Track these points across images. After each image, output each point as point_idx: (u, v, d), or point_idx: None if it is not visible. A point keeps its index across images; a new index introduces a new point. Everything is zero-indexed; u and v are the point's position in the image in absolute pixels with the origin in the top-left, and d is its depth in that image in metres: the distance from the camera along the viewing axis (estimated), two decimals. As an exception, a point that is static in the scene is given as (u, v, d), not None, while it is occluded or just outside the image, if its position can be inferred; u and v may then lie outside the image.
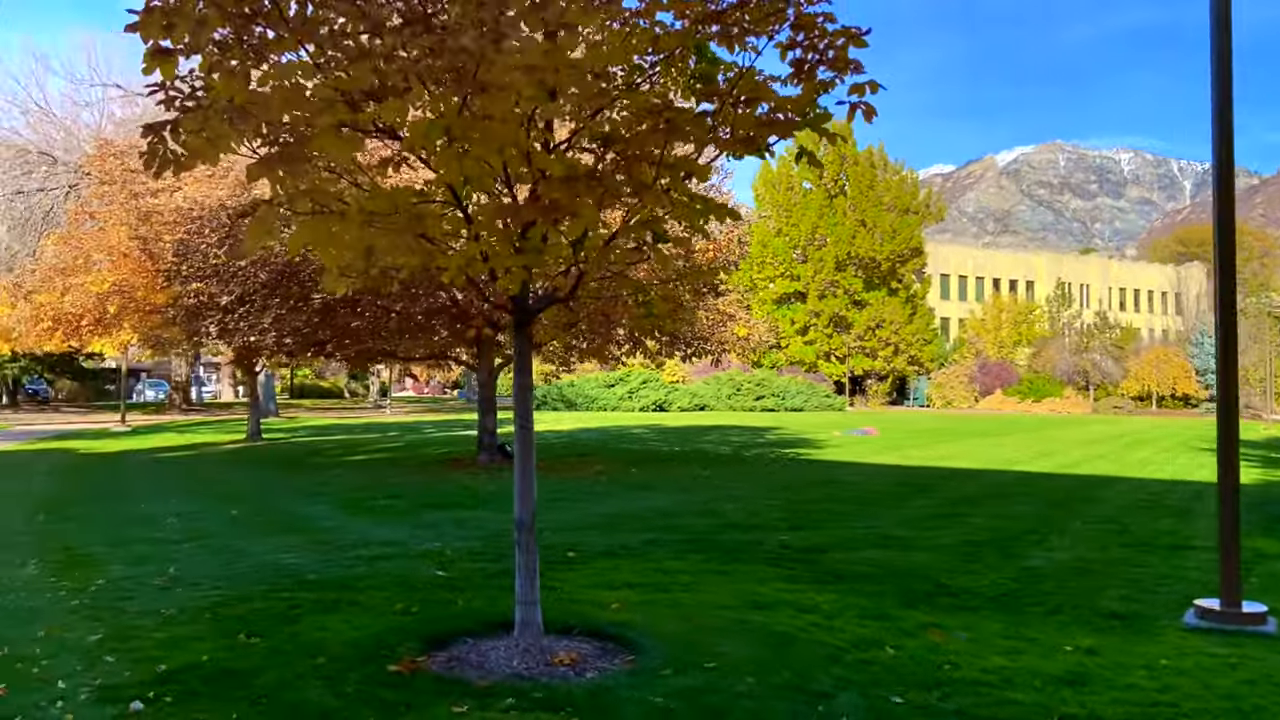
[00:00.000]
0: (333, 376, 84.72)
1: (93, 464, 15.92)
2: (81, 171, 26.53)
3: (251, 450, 18.71)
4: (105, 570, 6.71)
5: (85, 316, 18.39)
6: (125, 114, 33.79)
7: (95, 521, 9.18)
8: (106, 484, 12.83)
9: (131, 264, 18.66)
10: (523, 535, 5.01)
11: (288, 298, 14.24)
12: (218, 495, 11.45)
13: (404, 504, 10.60)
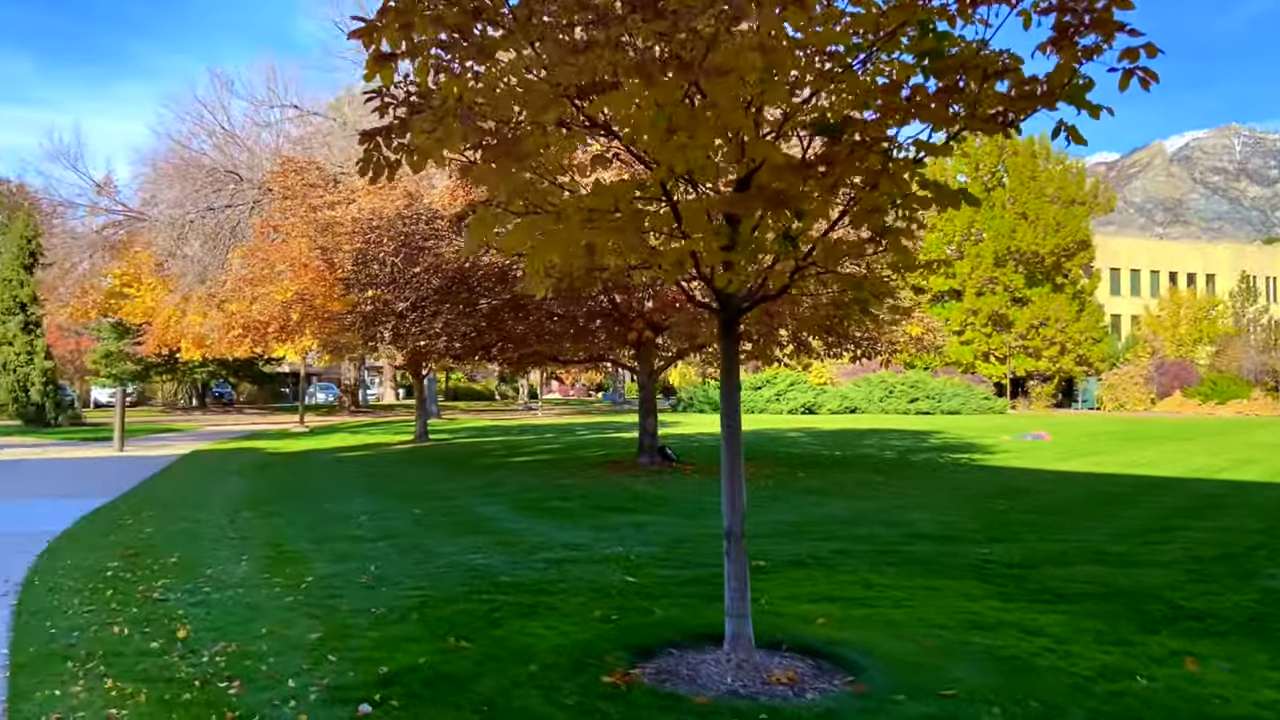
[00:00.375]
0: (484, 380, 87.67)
1: (280, 463, 16.86)
2: (264, 188, 28.36)
3: (421, 451, 19.40)
4: (312, 567, 6.95)
5: (271, 323, 19.59)
6: (299, 133, 35.95)
7: (294, 519, 9.61)
8: (296, 482, 13.51)
9: (311, 273, 19.72)
10: (732, 545, 4.79)
11: (457, 303, 14.62)
12: (398, 494, 11.83)
13: (576, 506, 10.62)
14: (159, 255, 33.05)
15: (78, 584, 6.37)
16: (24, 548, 7.83)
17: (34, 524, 9.31)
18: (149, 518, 9.57)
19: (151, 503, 10.90)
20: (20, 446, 20.84)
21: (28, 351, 27.00)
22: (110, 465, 16.54)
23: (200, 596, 6.03)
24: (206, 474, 14.62)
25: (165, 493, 12.01)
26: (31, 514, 10.16)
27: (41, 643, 4.97)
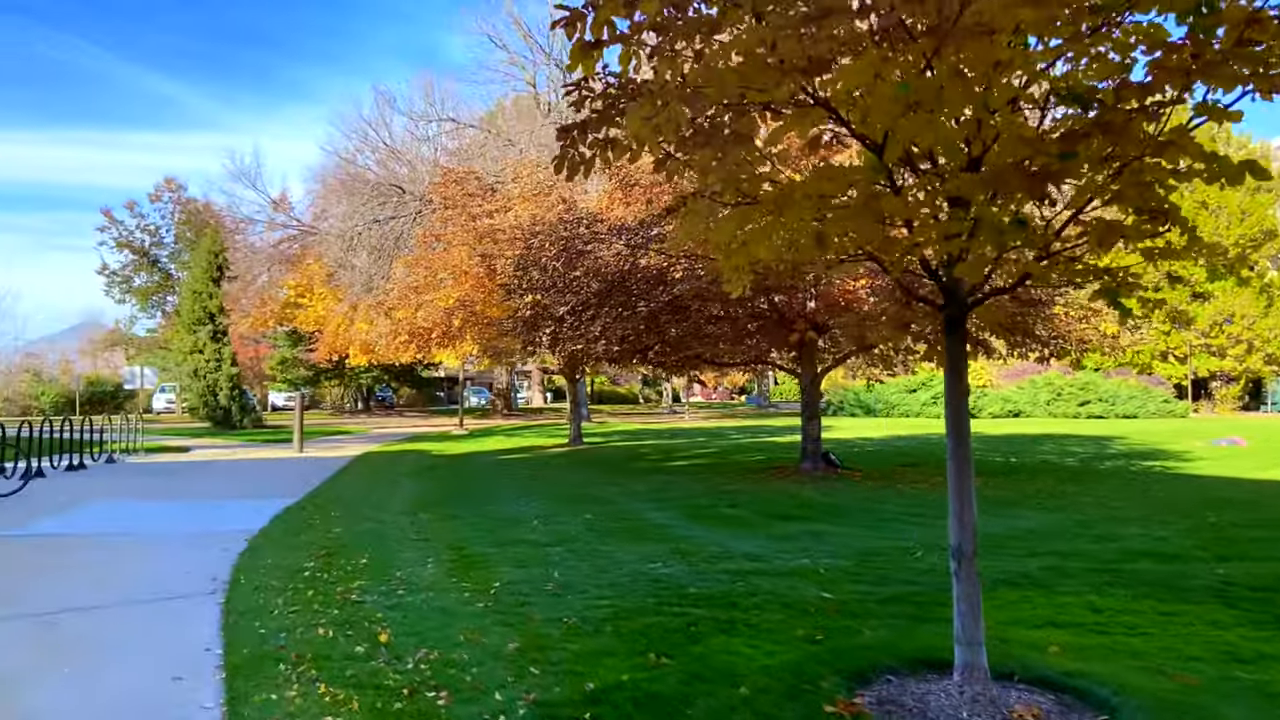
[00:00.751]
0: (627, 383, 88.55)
1: (446, 465, 17.30)
2: (425, 199, 29.49)
3: (577, 454, 19.54)
4: (497, 572, 6.91)
5: (435, 330, 20.24)
6: (455, 145, 37.24)
7: (469, 521, 9.71)
8: (465, 484, 13.77)
9: (472, 280, 20.23)
10: (963, 565, 4.36)
11: (616, 306, 14.57)
12: (563, 498, 11.83)
13: (747, 513, 10.29)
14: (329, 267, 34.93)
15: (280, 583, 6.54)
16: (226, 546, 8.18)
17: (232, 523, 9.78)
18: (335, 518, 9.88)
19: (335, 503, 11.29)
20: (211, 447, 22.33)
21: (216, 359, 29.05)
22: (292, 466, 17.42)
23: (395, 599, 6.06)
24: (380, 475, 15.13)
25: (346, 493, 12.45)
26: (229, 514, 10.70)
27: (253, 644, 5.06)
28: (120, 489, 13.04)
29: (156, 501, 11.88)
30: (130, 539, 8.78)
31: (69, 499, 11.72)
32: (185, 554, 7.95)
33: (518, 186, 20.72)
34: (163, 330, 47.61)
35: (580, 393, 36.21)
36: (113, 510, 10.98)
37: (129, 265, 45.74)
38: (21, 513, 10.39)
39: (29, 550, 8.07)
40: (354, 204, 33.29)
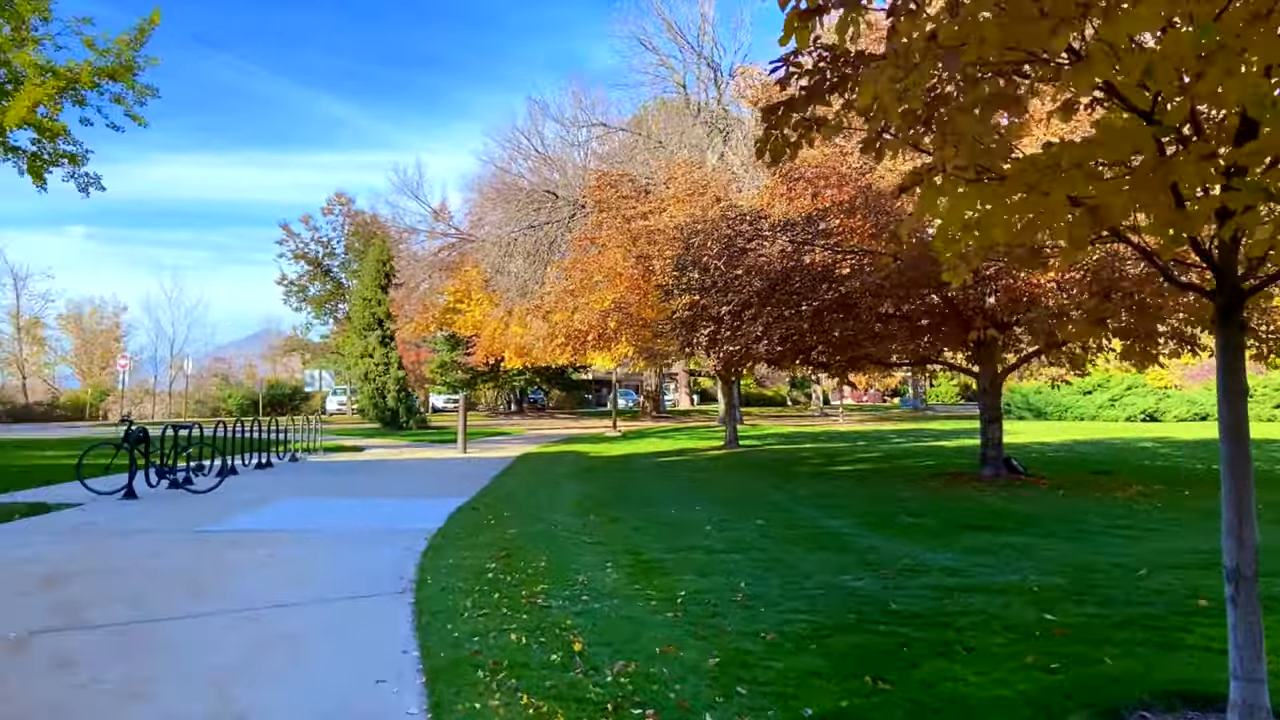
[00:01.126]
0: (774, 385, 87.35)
1: (606, 466, 17.31)
2: (578, 204, 29.89)
3: (735, 457, 19.19)
4: (679, 580, 6.67)
5: (590, 332, 20.38)
6: (604, 150, 37.64)
7: (639, 524, 9.54)
8: (627, 486, 13.68)
9: (627, 282, 20.24)
10: (1242, 589, 3.76)
11: (779, 305, 14.13)
12: (730, 502, 11.51)
13: (932, 523, 9.66)
14: (485, 273, 35.98)
15: (465, 585, 6.52)
16: (409, 544, 8.31)
17: (411, 521, 9.98)
18: (508, 519, 9.93)
19: (505, 503, 11.40)
20: (382, 447, 23.30)
21: (384, 363, 30.42)
22: (458, 466, 17.87)
23: (581, 605, 5.91)
24: (543, 476, 15.26)
25: (513, 494, 12.58)
26: (406, 512, 10.96)
27: (449, 647, 4.99)
28: (305, 486, 13.67)
29: (339, 499, 12.34)
30: (319, 536, 9.07)
31: (259, 496, 12.34)
32: (371, 551, 8.12)
33: (671, 187, 20.58)
34: (334, 336, 50.45)
35: (734, 395, 35.85)
36: (300, 507, 11.46)
37: (304, 275, 48.81)
38: (219, 508, 10.98)
39: (229, 546, 8.44)
40: (508, 211, 34.16)
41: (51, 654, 4.93)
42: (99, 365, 54.04)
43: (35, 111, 15.24)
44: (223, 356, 61.13)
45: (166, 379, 54.03)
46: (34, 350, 52.42)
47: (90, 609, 5.92)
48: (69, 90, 15.86)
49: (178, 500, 11.69)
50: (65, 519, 9.95)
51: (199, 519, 10.10)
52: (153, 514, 10.49)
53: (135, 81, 16.18)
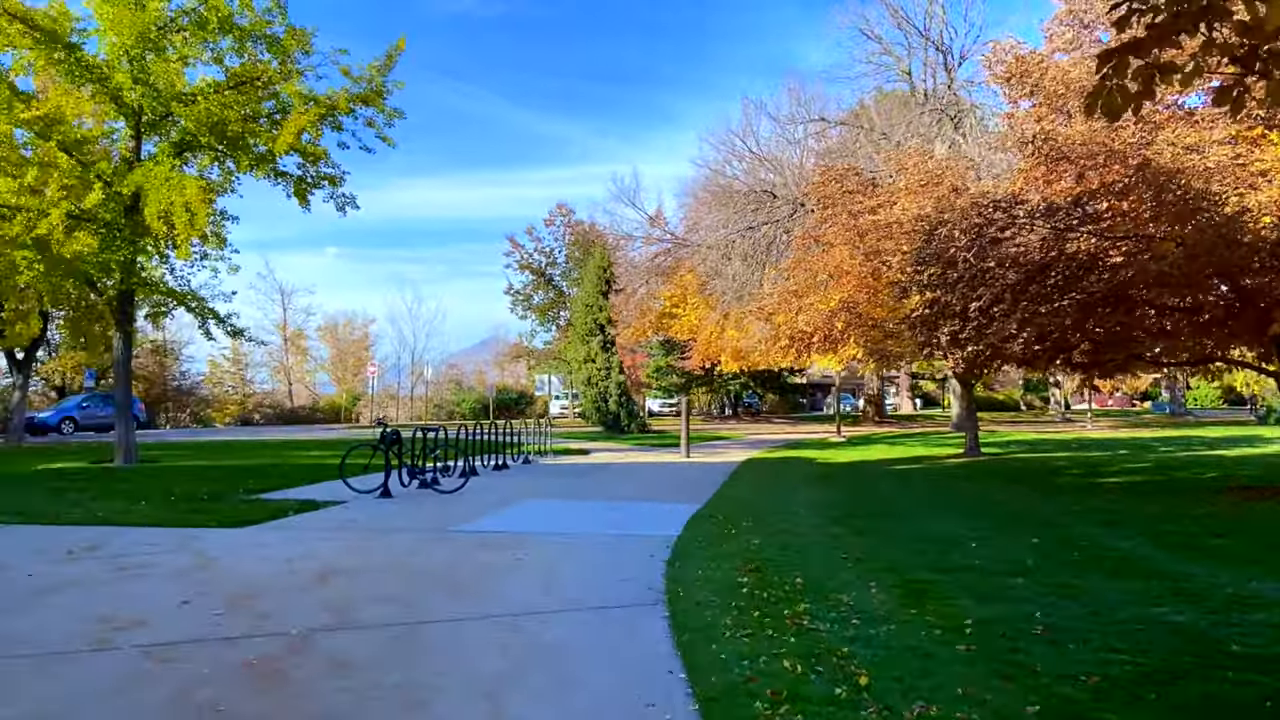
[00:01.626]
0: (1004, 388, 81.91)
1: (838, 473, 16.53)
2: (798, 202, 29.16)
3: (979, 465, 17.79)
4: (957, 605, 5.95)
5: (816, 333, 19.63)
6: (821, 147, 36.58)
7: (889, 538, 8.82)
8: (866, 495, 12.90)
9: (854, 281, 19.33)
10: None
11: (1037, 300, 12.83)
12: (988, 515, 10.49)
13: (1246, 546, 8.26)
14: (702, 276, 35.93)
15: (719, 599, 6.14)
16: (651, 551, 8.08)
17: (648, 526, 9.79)
18: (748, 528, 9.50)
19: (742, 511, 10.98)
20: (606, 450, 23.65)
21: (605, 367, 31.06)
22: (684, 470, 17.71)
23: (851, 630, 5.35)
24: (774, 483, 14.74)
25: (748, 501, 12.15)
26: (642, 516, 10.80)
27: (718, 671, 4.60)
28: (541, 489, 13.92)
29: (575, 501, 12.42)
30: (562, 540, 9.03)
31: (500, 498, 12.65)
32: (615, 557, 7.95)
33: (902, 178, 19.43)
34: (557, 342, 52.41)
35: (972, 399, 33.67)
36: (540, 510, 11.60)
37: (529, 285, 51.09)
38: (466, 509, 11.31)
39: (479, 547, 8.55)
40: (724, 214, 33.89)
41: (329, 654, 5.00)
42: (351, 372, 59.19)
43: (300, 138, 16.60)
44: (455, 363, 65.28)
45: (408, 384, 58.32)
46: (298, 359, 58.24)
47: (360, 608, 6.06)
48: (328, 117, 17.17)
49: (427, 500, 12.18)
50: (331, 516, 10.56)
51: (449, 519, 10.41)
52: (407, 513, 10.95)
53: (385, 105, 17.27)
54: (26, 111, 15.37)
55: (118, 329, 17.05)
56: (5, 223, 14.81)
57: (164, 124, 16.75)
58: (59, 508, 10.76)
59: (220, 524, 9.71)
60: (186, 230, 15.37)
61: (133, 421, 17.14)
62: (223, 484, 13.57)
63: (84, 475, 14.81)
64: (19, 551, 8.07)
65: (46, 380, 38.78)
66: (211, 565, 7.50)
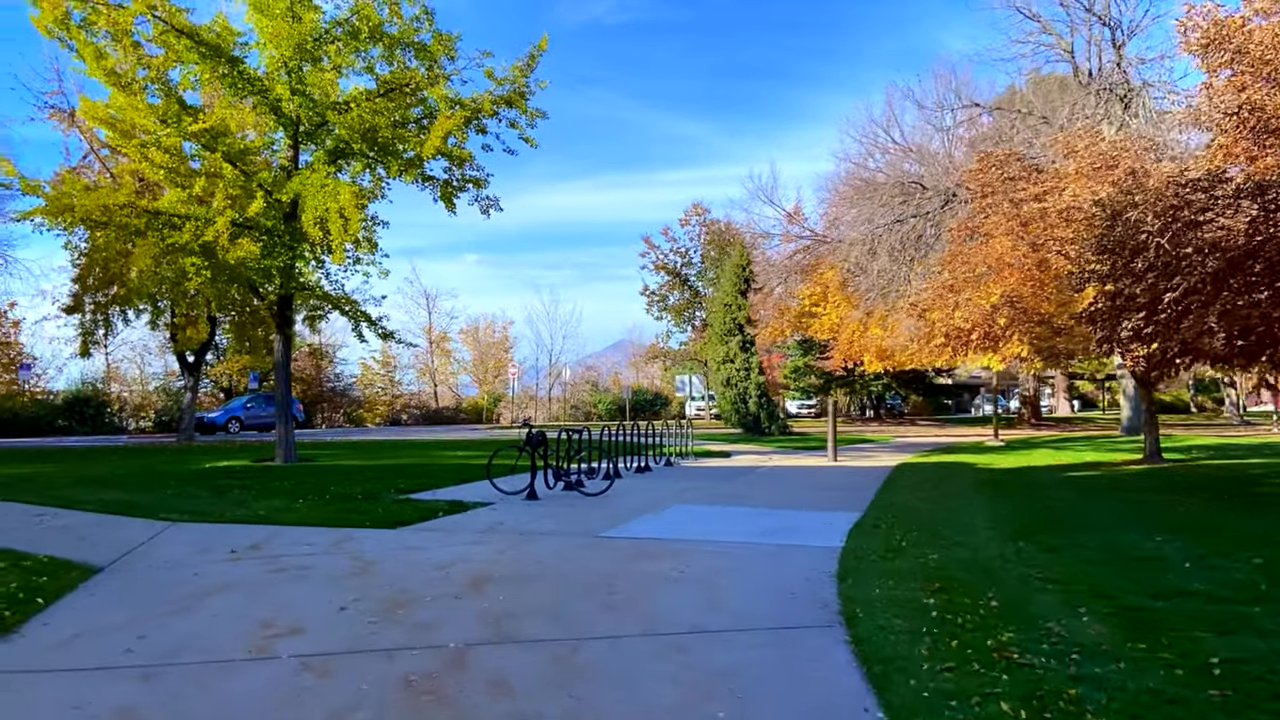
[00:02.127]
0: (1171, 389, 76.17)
1: (1005, 480, 15.36)
2: (948, 193, 27.67)
3: (1163, 473, 16.16)
4: (1191, 638, 5.10)
5: (975, 330, 18.38)
6: (970, 135, 34.70)
7: (1084, 554, 7.88)
8: (1046, 506, 11.81)
9: (1018, 274, 18.00)
10: None
11: (1238, 290, 11.45)
12: (1198, 530, 9.31)
13: None
14: (843, 274, 34.75)
15: (905, 623, 5.50)
16: (816, 564, 7.49)
17: (808, 536, 9.18)
18: (919, 539, 8.75)
19: (906, 520, 10.20)
20: (748, 453, 23.01)
21: (745, 368, 30.40)
22: (834, 475, 16.91)
23: (1073, 666, 4.62)
24: (935, 490, 13.78)
25: (912, 509, 11.31)
26: (799, 525, 10.18)
27: (925, 713, 4.00)
28: (688, 492, 13.47)
29: (725, 506, 11.91)
30: (720, 549, 8.54)
31: (648, 501, 12.28)
32: (778, 570, 7.40)
33: (1073, 162, 17.97)
34: (692, 343, 52.03)
35: (1138, 400, 31.15)
36: (691, 515, 11.15)
37: (664, 285, 50.88)
38: (614, 513, 10.98)
39: (634, 555, 8.17)
40: (866, 209, 32.54)
41: (488, 674, 4.68)
42: (491, 374, 60.66)
43: (446, 141, 16.79)
44: (592, 365, 65.96)
45: (546, 386, 59.26)
46: (442, 361, 60.15)
47: (516, 621, 5.74)
48: (473, 120, 17.31)
49: (573, 502, 11.94)
50: (480, 518, 10.43)
51: (598, 523, 10.10)
52: (554, 515, 10.72)
53: (527, 106, 17.27)
54: (195, 124, 16.12)
55: (278, 332, 17.72)
56: (175, 231, 15.57)
57: (319, 133, 17.28)
58: (224, 506, 11.09)
59: (374, 524, 9.72)
60: (340, 235, 15.75)
61: (292, 422, 17.77)
62: (375, 484, 13.78)
63: (247, 473, 15.38)
64: (188, 549, 8.23)
65: (215, 382, 41.39)
66: (368, 569, 7.40)
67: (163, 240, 15.72)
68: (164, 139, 16.13)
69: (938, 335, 19.33)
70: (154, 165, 16.05)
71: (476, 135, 17.78)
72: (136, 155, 16.16)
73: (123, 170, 20.38)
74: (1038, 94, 30.84)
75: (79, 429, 34.61)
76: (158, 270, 17.63)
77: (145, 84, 16.38)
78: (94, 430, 35.25)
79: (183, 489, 12.89)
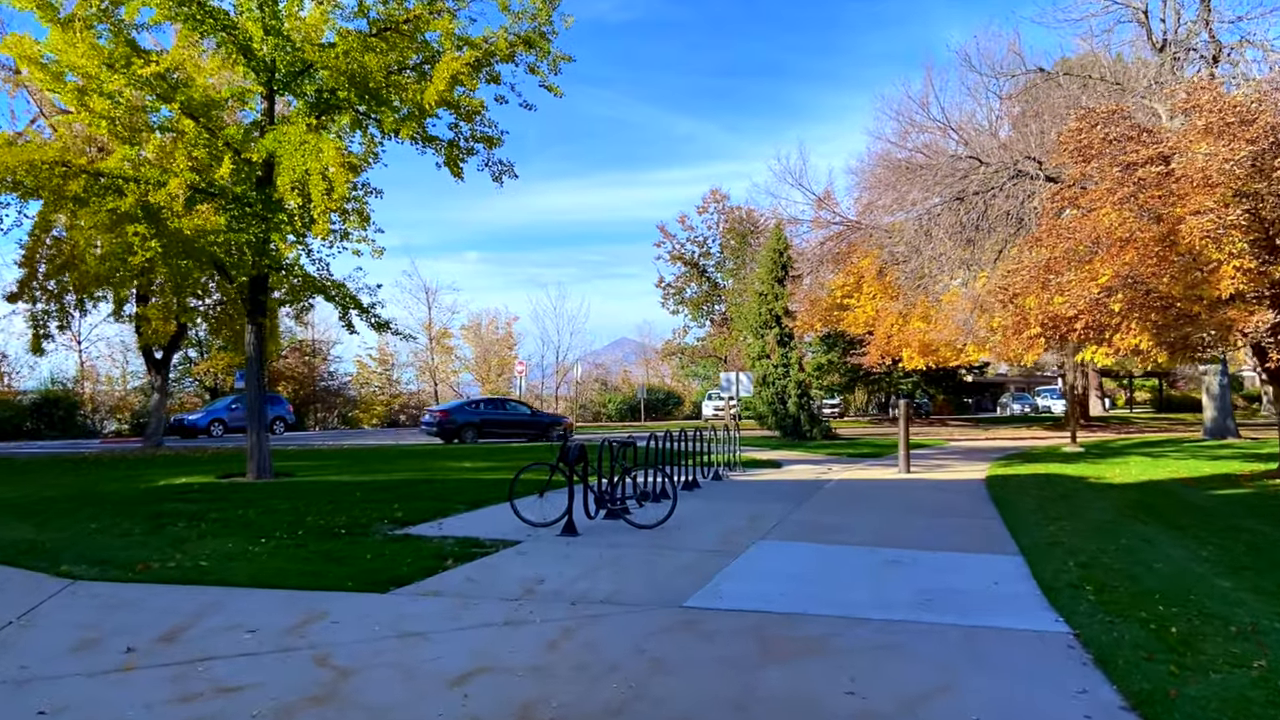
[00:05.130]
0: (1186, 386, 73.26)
1: (1150, 502, 12.40)
2: (1013, 167, 24.68)
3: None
4: None
5: (1080, 319, 15.42)
6: (1016, 112, 31.77)
7: None
8: (1241, 543, 8.86)
9: (1135, 249, 15.00)
10: None
11: None
12: None
13: None
14: (881, 261, 31.80)
15: None
16: (1060, 676, 4.55)
17: (983, 606, 6.25)
18: (1161, 613, 5.79)
19: (1097, 572, 7.24)
20: (799, 462, 20.04)
21: (783, 364, 27.45)
22: (918, 492, 13.99)
23: None
24: (1076, 517, 10.82)
25: (1079, 550, 8.33)
26: (949, 579, 7.23)
27: None
28: (760, 519, 10.52)
29: (820, 544, 8.97)
30: (876, 635, 5.59)
31: (717, 535, 9.37)
32: (1012, 689, 4.46)
33: (1199, 117, 15.03)
34: (710, 339, 49.03)
35: (1224, 399, 28.25)
36: (785, 559, 8.20)
37: (681, 277, 47.79)
38: (686, 558, 8.05)
39: (756, 653, 5.26)
40: (909, 190, 29.55)
41: None
42: (495, 372, 57.62)
43: (453, 90, 13.84)
44: (600, 362, 62.92)
45: (553, 384, 56.26)
46: (443, 358, 57.07)
47: None
48: (484, 65, 14.36)
49: (625, 540, 8.99)
50: (507, 572, 7.48)
51: (672, 577, 7.19)
52: (607, 563, 7.78)
53: (550, 47, 14.32)
54: (145, 67, 13.15)
55: (249, 321, 14.73)
56: (118, 197, 12.57)
57: (299, 82, 14.28)
58: (154, 550, 8.14)
59: (357, 584, 6.80)
60: (323, 202, 12.82)
61: (266, 430, 14.78)
62: (365, 509, 10.85)
63: (206, 494, 12.45)
64: (66, 640, 5.31)
65: (199, 381, 38.42)
66: (335, 691, 4.47)
67: (104, 208, 12.73)
68: (107, 84, 13.15)
69: (1033, 325, 16.33)
70: (94, 115, 13.06)
71: (488, 85, 14.85)
72: (73, 103, 13.18)
73: (60, 124, 17.33)
74: (1104, 59, 27.83)
75: (48, 433, 31.64)
76: (106, 248, 14.63)
77: (90, 22, 13.42)
78: (64, 434, 32.30)
79: (114, 521, 9.93)
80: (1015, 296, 16.81)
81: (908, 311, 32.49)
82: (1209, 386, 27.98)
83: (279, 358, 39.39)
